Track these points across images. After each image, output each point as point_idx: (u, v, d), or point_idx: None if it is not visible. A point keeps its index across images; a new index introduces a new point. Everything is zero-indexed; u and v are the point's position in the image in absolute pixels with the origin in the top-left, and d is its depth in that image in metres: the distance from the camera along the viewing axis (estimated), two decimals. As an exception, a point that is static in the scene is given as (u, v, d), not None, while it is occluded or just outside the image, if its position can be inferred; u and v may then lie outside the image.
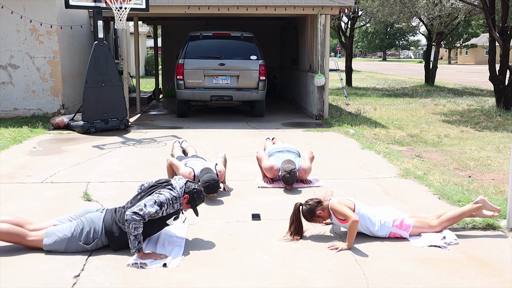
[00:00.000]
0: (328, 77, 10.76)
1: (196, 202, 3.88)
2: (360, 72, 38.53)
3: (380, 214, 4.11)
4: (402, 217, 4.11)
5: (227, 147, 7.66)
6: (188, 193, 3.83)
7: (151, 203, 3.64)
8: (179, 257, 3.64)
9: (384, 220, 4.07)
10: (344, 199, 4.10)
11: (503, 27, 12.46)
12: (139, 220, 3.55)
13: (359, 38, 70.32)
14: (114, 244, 3.74)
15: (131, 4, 8.75)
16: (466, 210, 4.16)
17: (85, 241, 3.70)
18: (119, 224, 3.74)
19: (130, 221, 3.53)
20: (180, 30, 15.17)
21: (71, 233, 3.71)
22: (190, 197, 3.84)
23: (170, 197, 3.73)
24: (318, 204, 4.06)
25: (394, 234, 4.07)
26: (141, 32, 28.78)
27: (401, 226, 4.06)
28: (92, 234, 3.72)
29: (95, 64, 8.85)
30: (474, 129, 10.00)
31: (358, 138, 8.51)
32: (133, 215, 3.55)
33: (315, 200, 4.11)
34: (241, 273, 3.42)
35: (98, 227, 3.74)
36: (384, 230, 4.04)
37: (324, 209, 4.06)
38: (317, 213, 4.04)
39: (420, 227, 4.09)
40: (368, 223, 4.04)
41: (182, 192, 3.82)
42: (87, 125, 8.91)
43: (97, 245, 3.74)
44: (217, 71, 10.58)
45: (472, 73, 37.19)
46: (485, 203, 4.18)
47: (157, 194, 3.72)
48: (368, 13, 21.55)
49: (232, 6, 10.36)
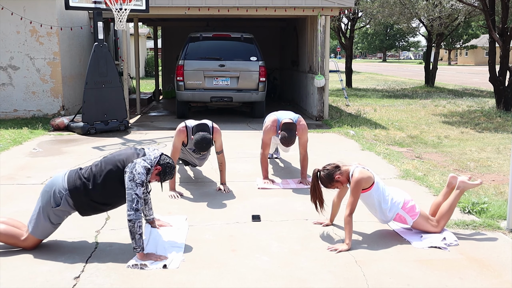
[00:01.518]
0: (328, 78, 10.76)
1: (165, 177, 3.75)
2: (360, 73, 38.54)
3: (392, 193, 4.11)
4: (413, 202, 4.12)
5: (227, 148, 7.63)
6: (161, 165, 3.70)
7: (138, 187, 3.52)
8: (179, 258, 3.64)
9: (396, 200, 4.06)
10: (367, 171, 4.00)
11: (503, 28, 12.47)
12: (141, 214, 3.52)
13: (359, 39, 70.41)
14: (78, 202, 3.64)
15: (131, 5, 8.76)
16: (452, 200, 4.16)
17: (55, 202, 3.63)
18: (83, 180, 3.64)
19: (135, 220, 3.46)
20: (180, 31, 15.18)
21: (42, 204, 3.67)
22: (162, 170, 3.71)
23: (145, 171, 3.58)
24: (336, 169, 4.01)
25: (400, 217, 4.07)
26: (141, 33, 28.79)
27: (409, 211, 4.06)
28: (58, 192, 3.64)
29: (95, 65, 8.86)
30: (474, 130, 10.00)
31: (358, 139, 8.51)
32: (136, 212, 3.47)
33: (333, 164, 4.05)
34: (241, 275, 3.42)
35: (61, 184, 3.65)
36: (393, 209, 4.04)
37: (343, 173, 4.01)
38: (335, 178, 4.00)
39: (425, 220, 4.09)
40: (381, 199, 4.02)
41: (155, 163, 3.69)
42: (87, 126, 8.91)
43: (68, 204, 3.63)
44: (217, 72, 10.58)
45: (472, 74, 37.21)
46: (464, 184, 4.20)
47: (133, 174, 3.55)
48: (368, 14, 21.57)
49: (232, 7, 10.37)
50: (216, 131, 5.32)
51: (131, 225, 3.48)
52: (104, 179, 3.64)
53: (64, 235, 4.07)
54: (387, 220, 4.12)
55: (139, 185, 3.54)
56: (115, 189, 3.66)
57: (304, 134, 5.75)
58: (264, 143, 5.78)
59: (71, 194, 3.64)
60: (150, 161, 3.67)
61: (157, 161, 3.71)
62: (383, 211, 4.06)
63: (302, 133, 5.74)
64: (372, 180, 4.00)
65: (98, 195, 3.67)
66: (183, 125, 5.32)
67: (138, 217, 3.49)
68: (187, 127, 5.30)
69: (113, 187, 3.65)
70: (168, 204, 4.97)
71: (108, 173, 3.64)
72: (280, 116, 5.78)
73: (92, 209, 3.75)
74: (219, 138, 5.36)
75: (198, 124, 5.24)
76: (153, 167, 3.67)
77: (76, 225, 4.26)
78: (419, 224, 4.10)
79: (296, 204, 5.01)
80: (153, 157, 3.71)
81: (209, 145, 5.07)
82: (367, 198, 4.04)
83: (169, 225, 4.25)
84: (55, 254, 3.71)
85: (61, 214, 3.70)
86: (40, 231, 3.71)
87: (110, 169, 3.65)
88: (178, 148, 5.31)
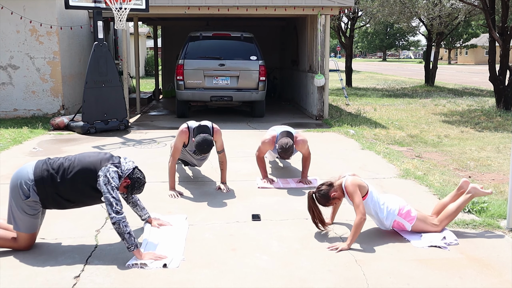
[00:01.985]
0: (328, 78, 10.76)
1: (133, 191, 3.75)
2: (360, 72, 38.53)
3: (387, 201, 4.12)
4: (408, 207, 4.12)
5: (227, 148, 7.60)
6: (131, 178, 3.68)
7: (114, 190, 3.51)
8: (180, 258, 3.64)
9: (391, 207, 4.07)
10: (359, 179, 4.04)
11: (503, 28, 12.46)
12: (123, 215, 3.50)
13: (359, 39, 70.34)
14: (42, 194, 3.60)
15: (131, 5, 8.75)
16: (461, 203, 4.18)
17: (24, 195, 3.59)
18: (51, 171, 3.61)
19: (119, 222, 3.46)
20: (180, 31, 15.17)
21: (12, 198, 3.64)
22: (131, 183, 3.71)
23: (117, 176, 3.59)
24: (330, 187, 4.04)
25: (398, 224, 4.07)
26: (141, 32, 28.78)
27: (406, 216, 4.06)
28: (25, 184, 3.60)
29: (95, 64, 8.85)
30: (474, 130, 10.00)
31: (358, 139, 8.51)
32: (117, 215, 3.46)
33: (326, 183, 4.08)
34: (241, 274, 3.42)
35: (26, 175, 3.62)
36: (389, 217, 4.05)
37: (337, 189, 4.04)
38: (331, 196, 4.02)
39: (423, 221, 4.10)
40: (378, 209, 4.04)
41: (126, 174, 3.67)
42: (87, 126, 8.91)
43: (36, 194, 3.60)
44: (217, 71, 10.58)
45: (472, 73, 37.20)
46: (476, 190, 4.20)
47: (107, 178, 3.53)
48: (368, 13, 21.55)
49: (232, 7, 10.36)
50: (216, 132, 5.33)
51: (117, 227, 3.48)
52: (74, 176, 3.60)
53: (64, 234, 4.07)
54: (386, 228, 4.12)
55: (115, 188, 3.54)
56: (82, 189, 3.64)
57: (303, 147, 5.71)
58: (261, 150, 5.76)
59: (36, 184, 3.59)
60: (121, 171, 3.66)
61: (129, 173, 3.69)
62: (380, 220, 4.08)
63: (302, 147, 5.70)
64: (366, 189, 4.02)
65: (64, 190, 3.63)
66: (185, 126, 5.32)
67: (121, 218, 3.48)
68: (189, 128, 5.30)
69: (81, 186, 3.62)
70: (168, 203, 4.97)
71: (80, 172, 3.61)
72: (279, 131, 5.76)
73: (55, 203, 3.69)
74: (219, 138, 5.37)
75: (199, 126, 5.23)
76: (123, 178, 3.66)
77: (76, 225, 4.27)
78: (418, 227, 4.10)
79: (296, 203, 5.01)
80: (126, 168, 3.70)
81: (210, 147, 5.07)
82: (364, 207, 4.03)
83: (169, 224, 4.25)
84: (55, 253, 3.71)
85: (34, 205, 3.64)
86: (22, 225, 3.66)
87: (83, 168, 3.62)
88: (178, 148, 5.31)
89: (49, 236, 3.93)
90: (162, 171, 5.95)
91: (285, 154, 5.49)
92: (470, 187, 4.23)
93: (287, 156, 5.57)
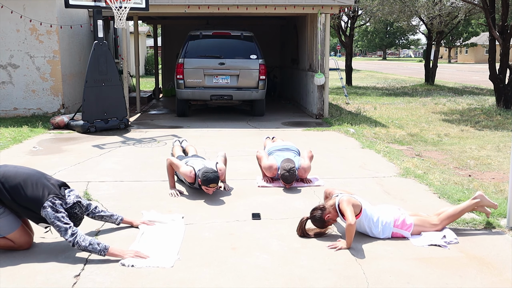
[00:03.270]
0: (328, 76, 10.76)
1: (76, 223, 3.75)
2: (360, 71, 38.52)
3: (381, 215, 4.09)
4: (403, 216, 4.10)
5: (227, 147, 7.66)
6: (69, 213, 3.68)
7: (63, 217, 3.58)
8: (174, 258, 3.62)
9: (385, 221, 4.05)
10: (353, 199, 4.04)
11: (503, 26, 12.46)
12: (77, 232, 3.54)
13: (359, 37, 70.23)
14: None
15: (131, 4, 8.74)
16: (465, 207, 4.18)
17: None
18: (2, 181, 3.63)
19: (76, 242, 3.51)
20: (180, 30, 15.17)
21: None
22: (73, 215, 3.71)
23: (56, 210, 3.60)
24: (322, 211, 4.05)
25: (396, 235, 4.07)
26: (141, 31, 28.77)
27: (402, 226, 4.05)
28: None
29: (95, 63, 8.85)
30: (474, 128, 10.00)
31: (358, 137, 8.51)
32: (72, 237, 3.51)
33: (318, 207, 4.08)
34: (241, 273, 3.42)
35: None
36: (386, 231, 4.04)
37: (331, 210, 4.04)
38: (326, 219, 4.03)
39: (421, 226, 4.09)
40: (372, 225, 4.03)
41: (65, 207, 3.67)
42: (87, 125, 8.91)
43: None
44: (217, 70, 10.58)
45: (472, 72, 37.19)
46: (483, 198, 4.21)
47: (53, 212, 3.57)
48: (368, 12, 21.54)
49: (232, 5, 10.35)
50: (221, 173, 5.26)
51: (77, 246, 3.53)
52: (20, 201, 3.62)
53: (64, 233, 4.07)
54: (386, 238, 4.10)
55: (62, 218, 3.56)
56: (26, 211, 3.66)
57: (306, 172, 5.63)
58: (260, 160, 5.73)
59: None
60: (62, 204, 3.65)
61: (69, 207, 3.69)
62: (375, 236, 4.05)
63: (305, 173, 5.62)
64: (360, 208, 4.01)
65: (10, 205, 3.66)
66: (192, 171, 5.18)
67: (77, 237, 3.53)
68: (196, 175, 5.18)
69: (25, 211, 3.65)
70: (168, 202, 4.97)
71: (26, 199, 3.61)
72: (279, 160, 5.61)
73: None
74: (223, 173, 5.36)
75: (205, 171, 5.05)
76: (60, 211, 3.63)
77: (76, 224, 4.27)
78: (418, 232, 4.10)
79: (296, 202, 5.01)
80: (68, 201, 3.71)
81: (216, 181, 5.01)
82: (358, 225, 4.02)
83: (152, 224, 4.24)
84: (56, 252, 3.72)
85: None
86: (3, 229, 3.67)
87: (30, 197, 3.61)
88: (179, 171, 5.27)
89: (49, 236, 3.93)
90: (162, 170, 5.95)
91: (287, 180, 5.35)
92: (477, 193, 4.23)
93: (289, 182, 5.38)
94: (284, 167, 5.36)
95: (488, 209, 4.27)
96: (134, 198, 5.08)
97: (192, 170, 5.18)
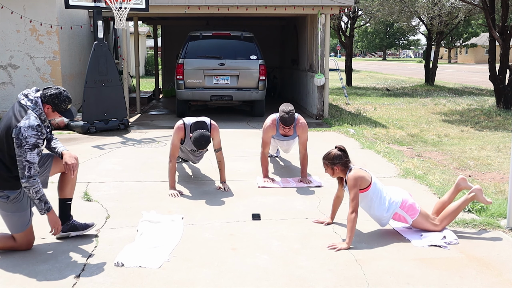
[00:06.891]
0: (328, 77, 10.76)
1: (61, 106, 3.58)
2: (360, 71, 38.53)
3: (390, 192, 4.11)
4: (412, 201, 4.11)
5: (227, 147, 7.64)
6: (47, 102, 3.51)
7: (29, 153, 3.40)
8: (163, 259, 3.61)
9: (393, 199, 4.06)
10: (362, 172, 4.01)
11: (503, 27, 12.46)
12: (37, 180, 3.49)
13: (359, 38, 70.20)
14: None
15: (131, 4, 8.75)
16: (461, 202, 4.18)
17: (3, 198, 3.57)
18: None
19: (29, 187, 3.45)
20: (180, 30, 15.16)
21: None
22: (52, 104, 3.55)
23: (36, 132, 3.43)
24: (343, 160, 4.02)
25: (399, 216, 4.07)
26: (141, 32, 28.77)
27: (408, 210, 4.06)
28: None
29: (95, 64, 8.85)
30: (474, 129, 10.00)
31: (358, 138, 8.51)
32: (29, 179, 3.43)
33: (346, 157, 4.05)
34: (241, 273, 3.42)
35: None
36: (390, 209, 4.04)
37: (342, 171, 4.04)
38: (335, 165, 4.02)
39: (424, 218, 4.09)
40: (379, 199, 4.03)
41: (40, 108, 3.51)
42: (87, 125, 8.91)
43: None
44: (217, 71, 10.58)
45: (472, 72, 37.19)
46: (478, 192, 4.21)
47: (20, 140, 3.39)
48: (368, 12, 21.56)
49: (232, 6, 10.36)
50: (214, 128, 5.33)
51: (27, 191, 3.51)
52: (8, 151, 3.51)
53: (64, 234, 4.07)
54: (385, 220, 4.11)
55: (29, 150, 3.42)
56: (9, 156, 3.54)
57: (304, 132, 5.75)
58: (264, 141, 5.78)
59: None
60: (34, 117, 3.45)
61: (41, 102, 3.51)
62: (380, 211, 4.06)
63: (302, 132, 5.74)
64: (369, 181, 4.00)
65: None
66: (181, 123, 5.33)
67: (33, 183, 3.47)
68: (185, 124, 5.31)
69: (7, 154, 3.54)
70: (168, 202, 4.97)
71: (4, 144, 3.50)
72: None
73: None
74: (217, 135, 5.37)
75: (196, 122, 5.24)
76: (42, 114, 3.51)
77: (76, 224, 4.26)
78: (419, 223, 4.10)
79: (296, 202, 5.01)
80: (35, 102, 3.50)
81: (207, 143, 5.08)
82: (364, 198, 4.03)
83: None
84: (56, 253, 3.72)
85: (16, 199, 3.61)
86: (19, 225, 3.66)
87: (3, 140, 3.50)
88: (177, 145, 5.32)
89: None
90: (162, 171, 5.96)
91: (286, 121, 5.43)
92: (474, 188, 4.24)
93: (288, 124, 5.47)
94: (284, 110, 5.45)
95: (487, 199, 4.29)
96: (134, 199, 5.08)
97: (181, 121, 5.33)
